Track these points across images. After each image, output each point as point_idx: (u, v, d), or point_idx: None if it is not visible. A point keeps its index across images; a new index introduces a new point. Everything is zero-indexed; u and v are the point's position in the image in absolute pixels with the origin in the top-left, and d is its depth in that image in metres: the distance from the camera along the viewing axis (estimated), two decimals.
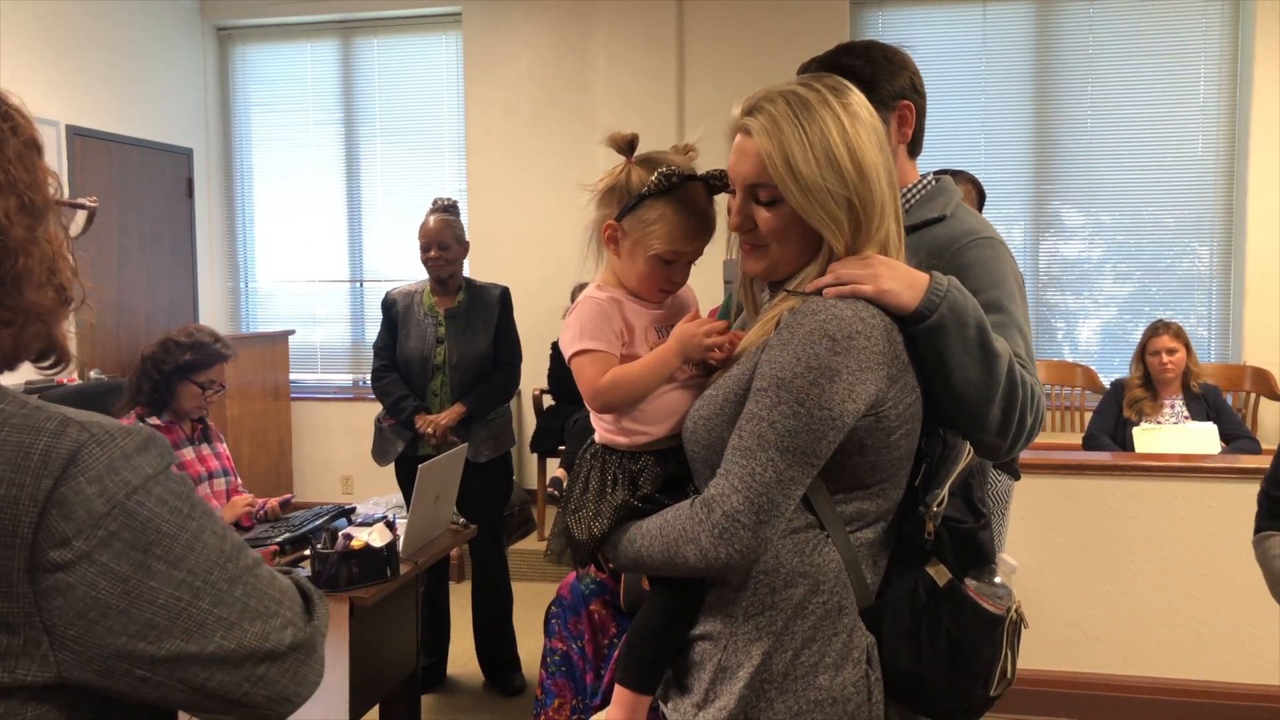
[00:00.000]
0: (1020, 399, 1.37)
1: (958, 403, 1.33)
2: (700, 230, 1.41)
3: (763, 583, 1.27)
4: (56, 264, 0.90)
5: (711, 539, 1.24)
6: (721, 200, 1.43)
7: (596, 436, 1.46)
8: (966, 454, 1.34)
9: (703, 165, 1.44)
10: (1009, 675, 1.31)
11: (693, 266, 1.47)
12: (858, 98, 1.31)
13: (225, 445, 3.33)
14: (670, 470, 1.39)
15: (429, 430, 3.59)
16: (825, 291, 1.27)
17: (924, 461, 1.34)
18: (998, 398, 1.34)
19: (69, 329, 0.94)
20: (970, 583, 1.30)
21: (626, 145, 1.45)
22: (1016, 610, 1.32)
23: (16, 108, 0.90)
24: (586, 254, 1.48)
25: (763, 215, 1.31)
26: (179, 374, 3.09)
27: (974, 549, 1.32)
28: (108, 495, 0.82)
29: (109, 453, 0.83)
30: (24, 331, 0.88)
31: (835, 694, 1.25)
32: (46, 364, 0.93)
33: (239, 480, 3.30)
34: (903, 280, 1.28)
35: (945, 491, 1.30)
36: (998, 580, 1.32)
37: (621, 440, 1.40)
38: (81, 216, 0.98)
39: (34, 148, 0.90)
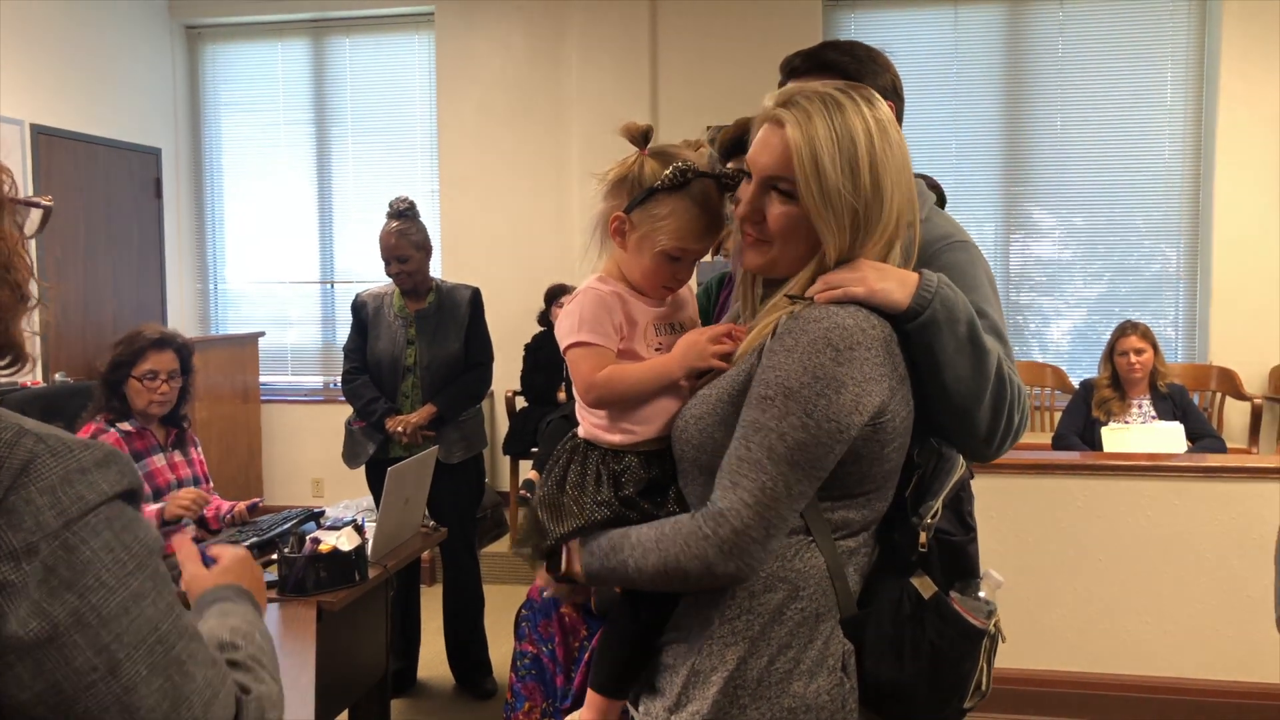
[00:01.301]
0: (1009, 397, 1.36)
1: (948, 401, 1.32)
2: (710, 229, 1.38)
3: (741, 586, 1.26)
4: (12, 261, 0.87)
5: (720, 555, 1.21)
6: None
7: (580, 430, 1.42)
8: (960, 466, 1.34)
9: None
10: (984, 688, 1.31)
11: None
12: (887, 112, 1.29)
13: (200, 451, 3.29)
14: (653, 474, 1.36)
15: (399, 429, 3.56)
16: (817, 297, 1.25)
17: (916, 472, 1.32)
18: (988, 395, 1.33)
19: (27, 329, 0.91)
20: (955, 596, 1.29)
21: (641, 136, 1.40)
22: (995, 624, 1.32)
23: None
24: (590, 244, 1.44)
25: (775, 210, 1.29)
26: (117, 373, 3.04)
27: (962, 563, 1.32)
28: (60, 508, 0.78)
29: (64, 464, 0.80)
30: None
31: (809, 701, 1.24)
32: (2, 363, 0.90)
33: (211, 485, 3.26)
34: (893, 280, 1.27)
35: (939, 504, 1.29)
36: (981, 594, 1.31)
37: (612, 438, 1.37)
38: (36, 215, 0.96)
39: None
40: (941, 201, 3.57)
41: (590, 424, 1.40)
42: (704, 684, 1.27)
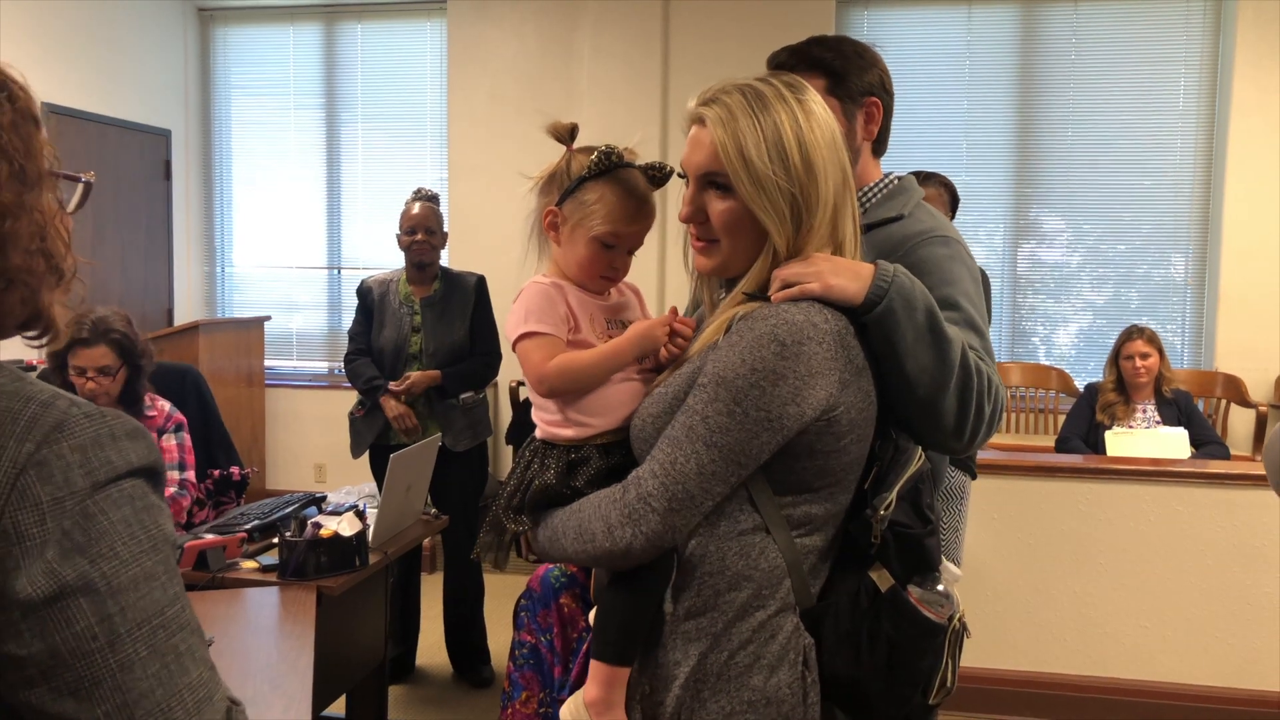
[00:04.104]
0: (976, 386, 1.35)
1: (912, 392, 1.31)
2: (639, 212, 1.40)
3: (707, 584, 1.26)
4: (47, 232, 0.88)
5: (620, 517, 1.25)
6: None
7: (537, 431, 1.42)
8: (917, 459, 1.33)
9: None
10: (949, 684, 1.29)
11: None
12: (814, 96, 1.31)
13: (177, 437, 3.17)
14: (614, 462, 1.37)
15: (403, 388, 3.56)
16: (773, 296, 1.26)
17: (875, 464, 1.32)
18: (952, 384, 1.33)
19: (62, 304, 0.92)
20: (913, 589, 1.28)
21: (567, 134, 1.45)
22: (960, 620, 1.30)
23: (16, 80, 0.89)
24: (529, 248, 1.49)
25: (716, 207, 1.31)
26: (57, 362, 2.97)
27: (919, 556, 1.30)
28: (89, 468, 0.78)
29: (96, 427, 0.81)
30: (8, 295, 0.85)
31: (769, 695, 1.24)
32: (33, 334, 0.90)
33: (189, 476, 3.17)
34: (848, 273, 1.27)
35: (893, 495, 1.28)
36: (940, 588, 1.30)
37: (567, 433, 1.37)
38: (77, 192, 0.97)
39: (30, 119, 0.89)
40: (955, 202, 3.56)
41: (546, 422, 1.41)
42: (667, 679, 1.28)
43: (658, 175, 1.43)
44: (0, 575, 0.76)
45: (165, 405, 3.19)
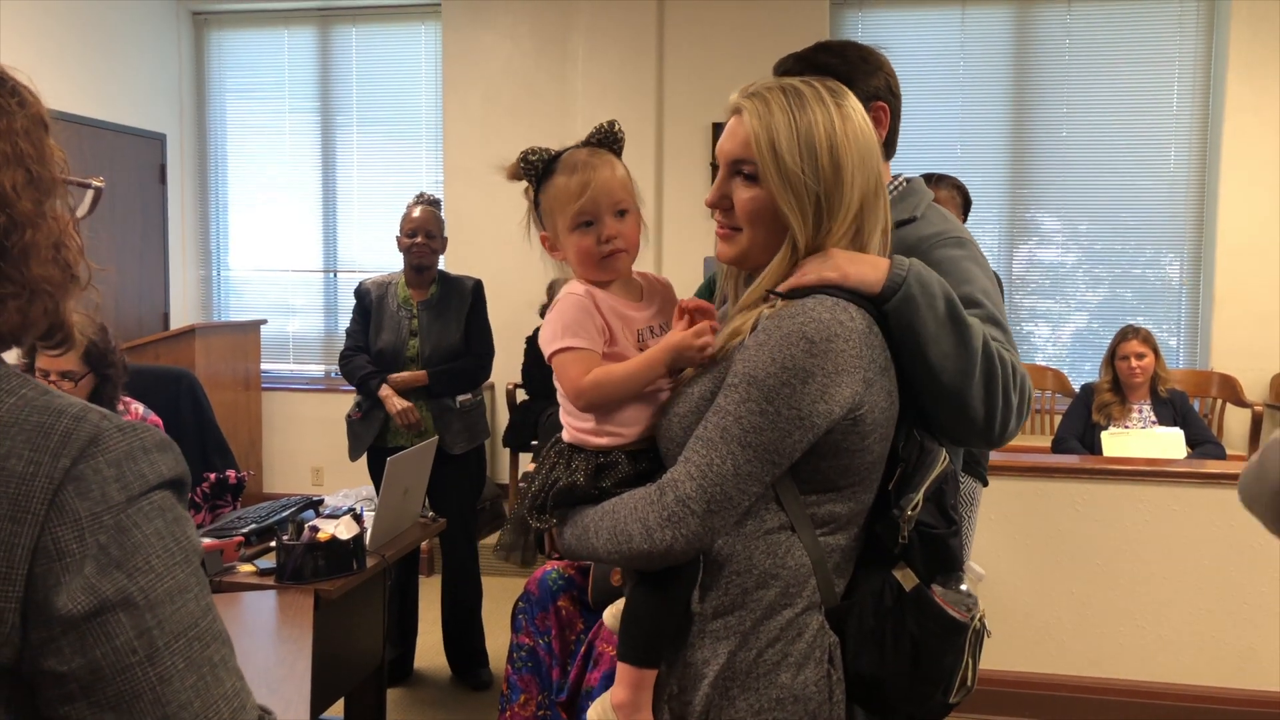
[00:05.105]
0: (1002, 374, 1.36)
1: (938, 381, 1.32)
2: (583, 177, 1.42)
3: (734, 583, 1.27)
4: (62, 240, 0.89)
5: (659, 520, 1.24)
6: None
7: (565, 435, 1.43)
8: (942, 460, 1.34)
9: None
10: (969, 683, 1.31)
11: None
12: (855, 104, 1.33)
13: None
14: (641, 467, 1.37)
15: (394, 392, 3.57)
16: (792, 280, 1.28)
17: (899, 465, 1.33)
18: (977, 371, 1.33)
19: (77, 311, 0.92)
20: (937, 589, 1.30)
21: (519, 170, 1.51)
22: (981, 619, 1.31)
23: (24, 85, 0.89)
24: (562, 274, 1.51)
25: (741, 195, 1.33)
26: (31, 366, 2.86)
27: (944, 555, 1.31)
28: (124, 482, 0.79)
29: (129, 440, 0.81)
30: (31, 306, 0.85)
31: (796, 692, 1.26)
32: (52, 343, 0.91)
33: None
34: (865, 264, 1.30)
35: (920, 496, 1.30)
36: (964, 588, 1.31)
37: (599, 441, 1.38)
38: (88, 199, 0.98)
39: (41, 124, 0.89)
40: (968, 205, 3.56)
41: (576, 429, 1.40)
42: (696, 678, 1.29)
43: (598, 137, 1.47)
44: (41, 592, 0.76)
45: (138, 408, 3.15)
